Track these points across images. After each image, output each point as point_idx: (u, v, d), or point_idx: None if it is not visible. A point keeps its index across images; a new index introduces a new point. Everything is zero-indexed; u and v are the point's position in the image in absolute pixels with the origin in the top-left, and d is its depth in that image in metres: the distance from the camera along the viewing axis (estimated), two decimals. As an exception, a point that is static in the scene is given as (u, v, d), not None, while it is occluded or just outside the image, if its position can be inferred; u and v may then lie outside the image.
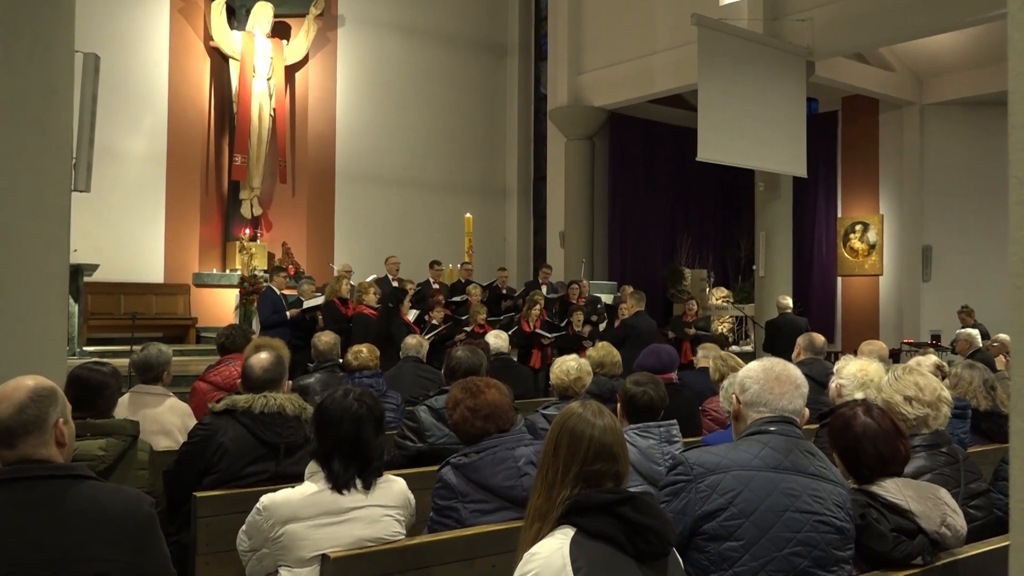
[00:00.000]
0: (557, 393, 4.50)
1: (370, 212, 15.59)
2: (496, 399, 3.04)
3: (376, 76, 15.82)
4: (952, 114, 15.10)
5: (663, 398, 3.49)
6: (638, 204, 16.10)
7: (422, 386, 5.93)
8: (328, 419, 2.71)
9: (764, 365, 2.48)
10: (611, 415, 2.20)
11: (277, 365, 3.57)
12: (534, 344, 9.75)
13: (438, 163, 16.55)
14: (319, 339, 5.82)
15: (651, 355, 4.99)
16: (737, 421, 2.51)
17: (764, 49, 12.32)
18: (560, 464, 2.08)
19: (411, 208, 16.14)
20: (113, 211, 12.93)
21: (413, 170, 16.24)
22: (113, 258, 12.50)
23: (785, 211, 13.64)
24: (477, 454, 2.94)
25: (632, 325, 9.24)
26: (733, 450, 2.34)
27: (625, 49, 14.62)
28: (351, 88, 15.50)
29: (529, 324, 9.83)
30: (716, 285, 16.06)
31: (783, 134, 12.52)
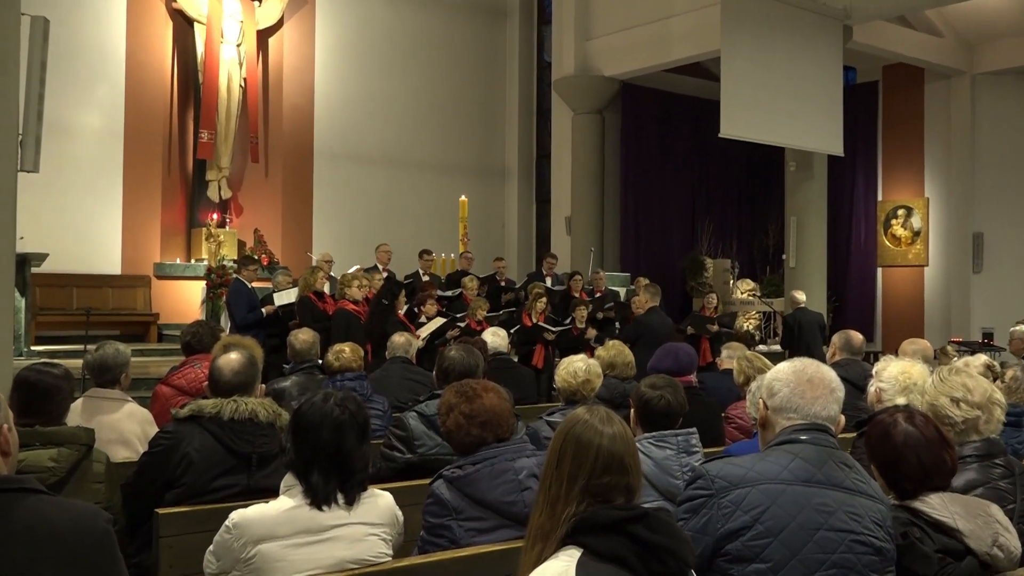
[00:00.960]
0: (563, 397, 4.51)
1: (353, 195, 15.59)
2: (494, 404, 3.04)
3: (359, 42, 15.79)
4: (1006, 84, 15.07)
5: (682, 403, 3.50)
6: (653, 186, 16.10)
7: (411, 390, 5.93)
8: (306, 426, 2.72)
9: (795, 366, 2.48)
10: (622, 422, 2.20)
11: (249, 367, 3.57)
12: (535, 340, 9.75)
13: (429, 140, 16.54)
14: (296, 338, 5.83)
15: (667, 356, 4.99)
16: (764, 429, 2.51)
17: (795, 11, 12.30)
18: (565, 477, 2.08)
19: (399, 191, 16.13)
20: (64, 194, 12.92)
21: (401, 148, 16.23)
22: (64, 246, 12.50)
23: (819, 194, 13.63)
24: (473, 466, 2.94)
25: (645, 323, 9.23)
26: (760, 461, 2.34)
27: (639, 12, 14.60)
28: (331, 56, 15.47)
29: (531, 318, 9.83)
30: (741, 277, 16.06)
31: (816, 107, 12.51)
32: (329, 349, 5.53)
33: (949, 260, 15.44)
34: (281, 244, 14.45)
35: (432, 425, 3.95)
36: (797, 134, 12.44)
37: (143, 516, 3.41)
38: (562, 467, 2.09)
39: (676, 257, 16.19)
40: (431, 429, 3.99)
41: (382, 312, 8.35)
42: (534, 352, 9.76)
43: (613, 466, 2.07)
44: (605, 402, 4.74)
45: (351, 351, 5.42)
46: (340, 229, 15.11)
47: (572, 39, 15.42)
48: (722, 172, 17.04)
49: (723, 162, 16.83)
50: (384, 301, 8.43)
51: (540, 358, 9.70)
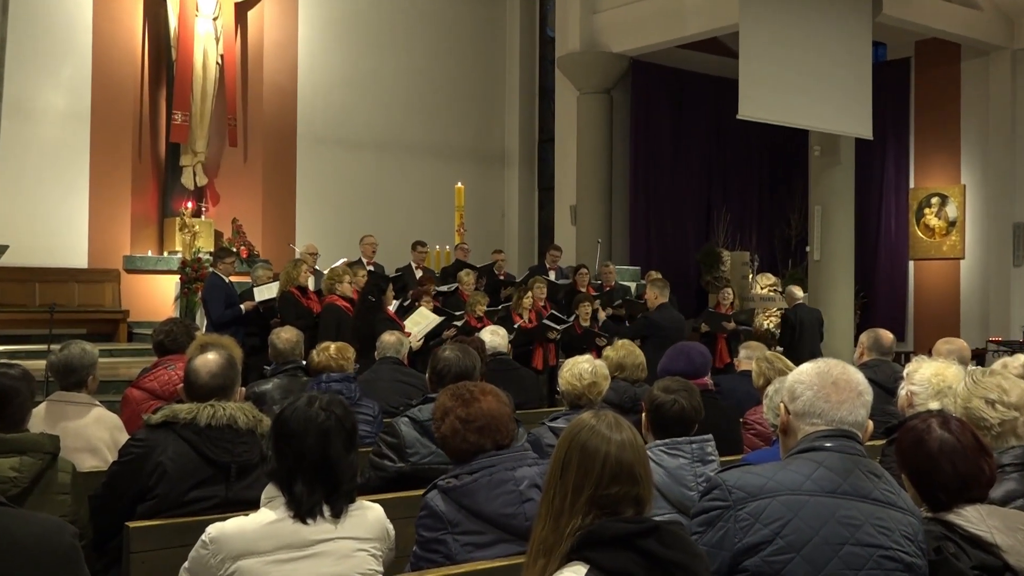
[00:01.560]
0: (567, 401, 4.52)
1: (339, 182, 15.58)
2: (493, 408, 3.05)
3: (346, 16, 15.78)
4: (1050, 62, 15.06)
5: (697, 409, 3.50)
6: (666, 172, 16.10)
7: (403, 393, 5.94)
8: (289, 433, 2.72)
9: (819, 368, 2.49)
10: (631, 428, 2.20)
11: (228, 368, 3.57)
12: (536, 339, 9.74)
13: (422, 122, 16.53)
14: (278, 336, 5.83)
15: (680, 356, 4.99)
16: (786, 436, 2.52)
17: (820, -18, 12.29)
18: (569, 487, 2.08)
19: (389, 178, 16.12)
20: (25, 181, 12.92)
21: (392, 131, 16.22)
22: (26, 238, 12.49)
23: (846, 181, 13.63)
24: (470, 475, 2.95)
25: (654, 321, 9.23)
26: (781, 471, 2.35)
27: (651, -18, 14.59)
28: (316, 31, 15.46)
29: (522, 317, 9.80)
30: (761, 271, 16.05)
31: (843, 87, 12.50)
32: (318, 346, 5.55)
33: (987, 252, 15.44)
34: (261, 235, 14.45)
35: (426, 431, 3.96)
36: (822, 116, 12.43)
37: (112, 530, 3.41)
38: (567, 477, 2.10)
39: (691, 249, 16.19)
40: (424, 436, 3.99)
41: (369, 309, 8.32)
42: (532, 352, 9.74)
43: (622, 475, 2.08)
44: (613, 406, 4.75)
45: (337, 349, 5.43)
46: (325, 219, 15.11)
47: (577, 12, 15.41)
48: (741, 157, 17.02)
49: (742, 146, 16.81)
50: (370, 297, 8.41)
51: (539, 359, 9.70)
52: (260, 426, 3.47)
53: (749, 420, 5.18)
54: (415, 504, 3.09)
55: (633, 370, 5.51)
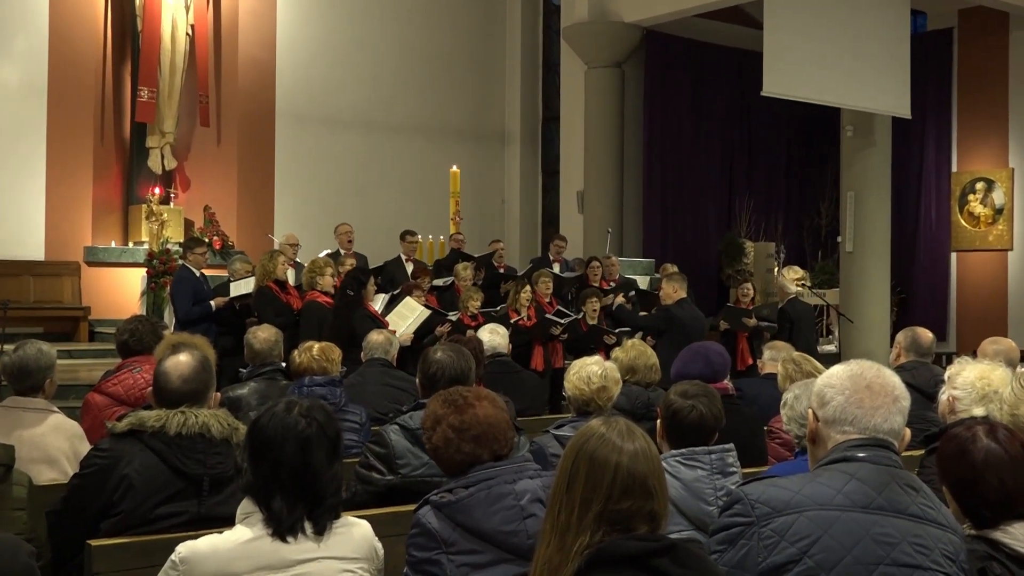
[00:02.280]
0: (574, 407, 4.52)
1: (322, 166, 15.58)
2: (489, 414, 3.05)
3: (330, -19, 15.78)
4: (1108, 32, 15.05)
5: (717, 416, 3.51)
6: (683, 155, 16.09)
7: (392, 398, 5.94)
8: (266, 442, 2.72)
9: (851, 370, 2.49)
10: (645, 437, 2.20)
11: (201, 371, 3.58)
12: (536, 338, 9.71)
13: (414, 99, 16.51)
14: (255, 336, 5.84)
15: (697, 357, 4.99)
16: (814, 445, 2.52)
17: (854, -56, 12.27)
18: (577, 502, 2.09)
19: (377, 160, 16.12)
20: (-24, 164, 12.93)
21: (380, 109, 16.21)
22: (-23, 227, 12.51)
23: (881, 164, 13.62)
24: (466, 489, 2.95)
25: (675, 315, 9.22)
26: (809, 483, 2.35)
27: (666, -56, 14.57)
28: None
29: (519, 314, 9.79)
30: (788, 263, 16.04)
31: (879, 60, 12.48)
32: (301, 344, 5.55)
33: (1038, 243, 15.45)
34: (236, 224, 14.45)
35: (417, 440, 3.96)
36: (855, 92, 12.42)
37: (73, 549, 3.42)
38: (573, 490, 2.10)
39: (710, 240, 16.18)
40: (416, 445, 3.99)
41: (347, 305, 8.28)
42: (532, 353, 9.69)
43: (634, 488, 2.08)
44: (625, 413, 4.75)
45: (321, 350, 5.43)
46: (307, 206, 15.10)
47: (585, -22, 15.41)
48: (765, 138, 17.00)
49: (767, 126, 16.79)
50: (349, 292, 8.36)
51: (539, 360, 9.67)
52: (235, 435, 3.47)
53: (774, 428, 5.18)
54: (406, 520, 3.09)
55: (645, 372, 5.50)
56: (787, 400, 4.09)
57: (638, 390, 5.40)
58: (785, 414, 4.08)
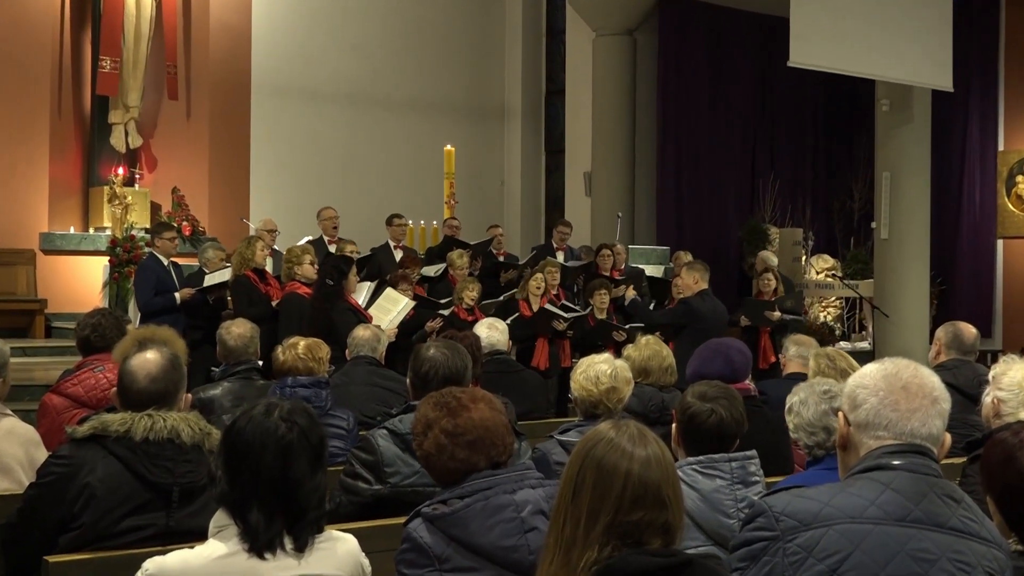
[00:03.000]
0: (581, 410, 4.52)
1: (303, 144, 15.55)
2: (485, 418, 3.05)
3: (311, -60, 15.74)
4: None
5: (739, 420, 3.51)
6: (701, 131, 16.06)
7: (380, 400, 5.95)
8: (242, 448, 2.73)
9: (885, 369, 2.49)
10: (658, 442, 2.21)
11: (171, 370, 3.58)
12: (540, 330, 9.71)
13: (404, 71, 16.48)
14: (228, 331, 5.84)
15: (716, 356, 5.00)
16: (845, 452, 2.52)
17: (890, -102, 12.24)
18: (583, 513, 2.09)
19: (364, 138, 16.09)
20: (-79, 142, 12.91)
21: (366, 81, 16.18)
22: (-78, 212, 12.50)
23: (920, 142, 13.59)
24: (461, 500, 2.96)
25: (696, 308, 9.20)
26: (839, 494, 2.35)
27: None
28: (274, -42, 15.43)
29: (530, 305, 9.80)
30: (817, 252, 16.05)
31: (917, 27, 12.46)
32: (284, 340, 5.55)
33: (1093, 229, 15.43)
34: (208, 208, 14.43)
35: (407, 446, 3.97)
36: (891, 62, 12.39)
37: (29, 565, 3.42)
38: (580, 500, 2.11)
39: (731, 226, 16.16)
40: (407, 452, 4.00)
41: (326, 297, 8.26)
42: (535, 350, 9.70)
43: (647, 499, 2.09)
44: (636, 416, 4.75)
45: (307, 347, 5.42)
46: (286, 188, 15.09)
47: (593, -64, 15.38)
48: (792, 114, 16.97)
49: (794, 101, 16.75)
50: (328, 281, 8.33)
51: (543, 357, 9.66)
52: (208, 440, 3.48)
53: (801, 433, 5.19)
54: (396, 534, 3.10)
55: (660, 375, 5.51)
56: (792, 405, 3.92)
57: (651, 391, 5.41)
58: (791, 421, 3.90)
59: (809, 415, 3.78)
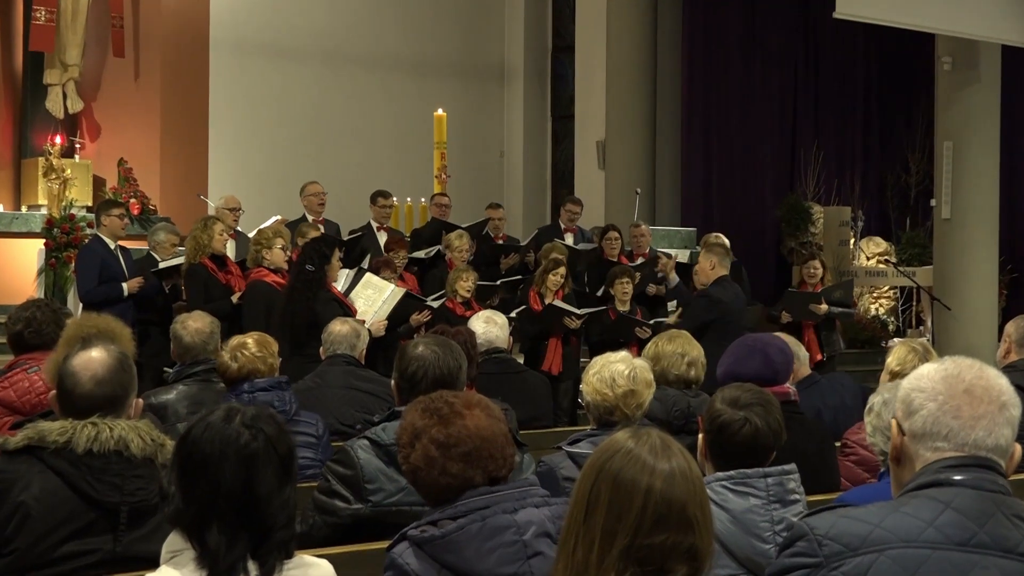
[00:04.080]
0: (594, 418, 4.52)
1: (270, 109, 15.54)
2: (482, 426, 3.05)
3: None
4: None
5: (777, 430, 3.51)
6: (732, 95, 16.05)
7: (360, 405, 5.95)
8: (200, 460, 2.72)
9: (945, 370, 2.49)
10: (684, 453, 2.21)
11: (119, 372, 3.57)
12: (551, 328, 9.72)
13: (386, 24, 16.46)
14: (185, 326, 5.84)
15: (752, 353, 4.99)
16: (899, 465, 2.53)
17: None
18: (597, 535, 2.09)
19: (340, 102, 16.07)
20: None
21: (344, 37, 16.15)
22: None
23: (988, 106, 13.58)
24: (453, 521, 2.96)
25: (716, 299, 9.19)
26: (892, 514, 2.35)
27: None
28: None
29: (542, 298, 9.80)
30: (867, 235, 16.05)
31: (985, -28, 12.43)
32: (224, 344, 5.53)
33: None
34: (160, 182, 14.41)
35: (392, 460, 3.97)
36: (954, 13, 12.37)
37: (-47, 596, 3.44)
38: (593, 521, 2.11)
39: (768, 205, 16.16)
40: (391, 465, 4.00)
41: (306, 285, 8.24)
42: (546, 349, 9.73)
43: (670, 519, 2.09)
44: (659, 424, 4.76)
45: (259, 344, 5.40)
46: (251, 160, 15.09)
47: None
48: (839, 74, 16.95)
49: (840, 58, 16.73)
50: (308, 267, 8.30)
51: (556, 358, 9.68)
52: (161, 452, 3.48)
53: (850, 442, 5.19)
54: (378, 560, 3.10)
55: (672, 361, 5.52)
56: (873, 405, 4.05)
57: (676, 394, 5.41)
58: (870, 423, 4.02)
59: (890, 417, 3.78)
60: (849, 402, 6.10)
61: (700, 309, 9.31)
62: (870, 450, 4.68)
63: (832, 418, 5.89)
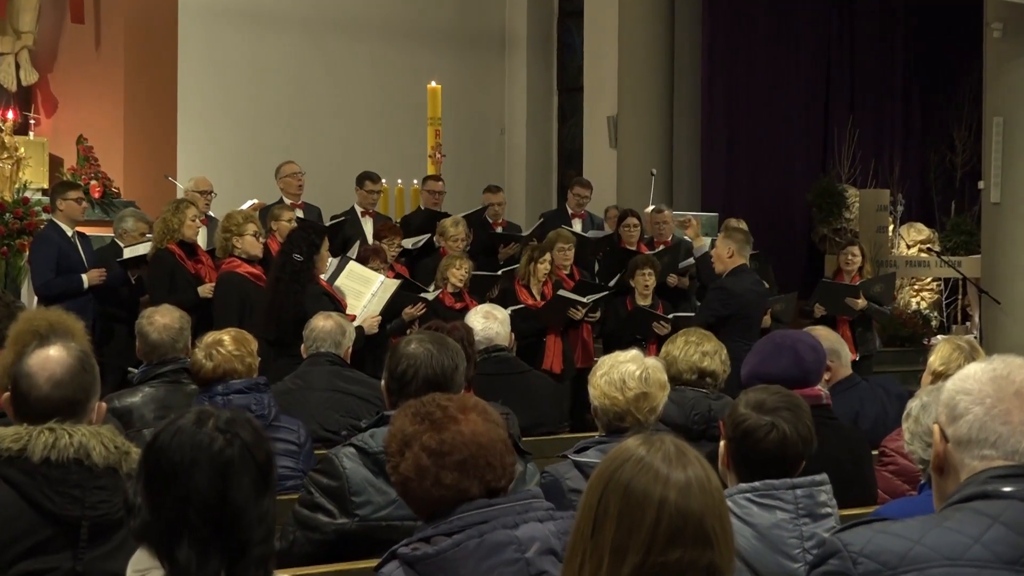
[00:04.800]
0: (602, 423, 4.52)
1: (244, 81, 15.53)
2: (479, 432, 3.05)
3: None
4: None
5: (807, 438, 3.51)
6: (759, 64, 16.03)
7: (345, 409, 5.95)
8: (168, 468, 2.72)
9: (994, 370, 2.49)
10: (701, 462, 2.22)
11: (80, 372, 3.57)
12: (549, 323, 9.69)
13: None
14: (151, 322, 5.85)
15: (781, 352, 4.99)
16: (942, 475, 2.53)
17: None
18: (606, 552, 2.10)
19: (323, 74, 16.06)
20: None
21: (324, 2, 16.12)
22: None
23: (1041, 78, 13.57)
24: (448, 537, 2.96)
25: (731, 291, 9.18)
26: (933, 529, 2.36)
27: None
28: None
29: (531, 292, 9.77)
30: (908, 220, 16.03)
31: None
32: (198, 341, 5.53)
33: None
34: (123, 162, 14.40)
35: (382, 469, 3.97)
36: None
37: None
38: (602, 536, 2.12)
39: (798, 187, 16.14)
40: (380, 476, 4.01)
41: (294, 277, 8.25)
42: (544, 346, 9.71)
43: (686, 534, 2.10)
44: (676, 429, 4.77)
45: (235, 341, 5.40)
46: (223, 138, 15.08)
47: None
48: (876, 43, 16.94)
49: (877, 25, 16.72)
50: (296, 257, 8.30)
51: (556, 356, 9.66)
52: (126, 461, 3.48)
53: (888, 450, 5.19)
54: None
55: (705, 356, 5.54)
56: (911, 409, 4.03)
57: (695, 396, 5.42)
58: (908, 429, 4.01)
59: (930, 423, 3.79)
60: (892, 409, 6.08)
61: (715, 303, 9.30)
62: (909, 459, 4.69)
63: (871, 426, 5.88)
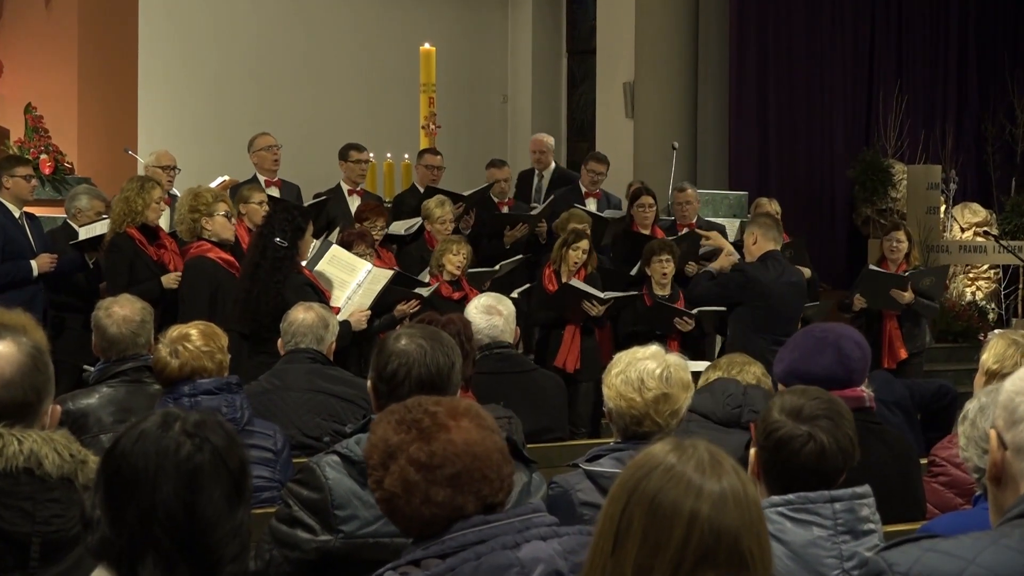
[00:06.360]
0: (618, 428, 4.53)
1: (213, 44, 15.53)
2: (473, 441, 3.05)
3: None
4: None
5: (848, 449, 3.51)
6: (796, 25, 16.04)
7: (328, 412, 5.97)
8: (130, 476, 2.72)
9: (1059, 369, 2.50)
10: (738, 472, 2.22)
11: (30, 372, 3.58)
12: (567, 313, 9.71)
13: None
14: (109, 314, 5.85)
15: (822, 348, 4.96)
16: (999, 486, 2.54)
17: None
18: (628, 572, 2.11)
19: (302, 35, 16.07)
20: None
21: (307, -50, 16.16)
22: None
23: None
24: (442, 560, 2.97)
25: (754, 279, 9.19)
26: (989, 547, 2.36)
27: None
28: None
29: (559, 277, 9.80)
30: (963, 200, 16.03)
31: None
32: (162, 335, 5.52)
33: None
34: (77, 134, 14.41)
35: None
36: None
37: None
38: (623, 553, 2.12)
39: (838, 163, 16.14)
40: (367, 488, 4.02)
41: (276, 264, 8.25)
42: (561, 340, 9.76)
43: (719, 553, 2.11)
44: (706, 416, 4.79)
45: (203, 336, 5.41)
46: (189, 107, 15.10)
47: None
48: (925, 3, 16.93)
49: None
50: (278, 241, 8.30)
51: (572, 353, 9.68)
52: (82, 470, 3.49)
53: (939, 459, 5.20)
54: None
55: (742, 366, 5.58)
56: (967, 412, 3.96)
57: (733, 385, 5.43)
58: (963, 433, 3.94)
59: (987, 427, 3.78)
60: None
61: (729, 286, 9.34)
62: (963, 469, 4.69)
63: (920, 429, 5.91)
